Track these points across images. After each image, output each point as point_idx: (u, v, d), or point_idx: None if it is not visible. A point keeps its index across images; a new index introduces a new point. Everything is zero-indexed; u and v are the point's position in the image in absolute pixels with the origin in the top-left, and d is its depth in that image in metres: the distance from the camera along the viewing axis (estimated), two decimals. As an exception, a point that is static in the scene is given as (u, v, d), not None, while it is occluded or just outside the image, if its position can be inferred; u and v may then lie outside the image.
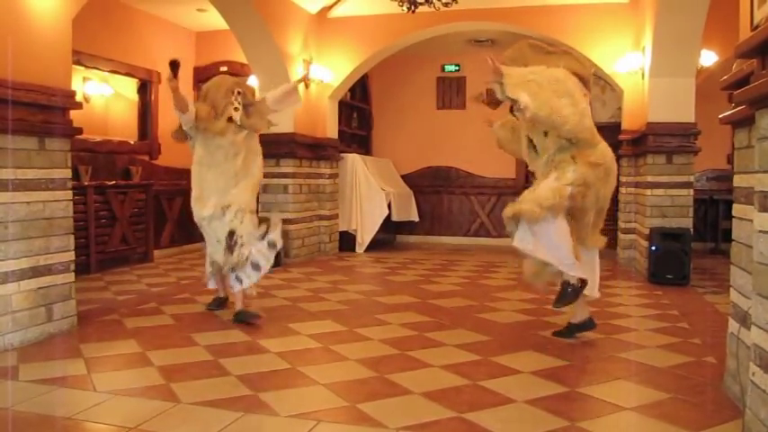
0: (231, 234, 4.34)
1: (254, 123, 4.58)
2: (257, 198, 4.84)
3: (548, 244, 3.54)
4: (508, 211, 3.53)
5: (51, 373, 3.28)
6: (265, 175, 7.42)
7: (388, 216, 8.63)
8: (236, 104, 4.48)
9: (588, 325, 3.98)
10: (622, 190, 7.46)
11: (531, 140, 3.83)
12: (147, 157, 7.94)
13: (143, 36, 7.89)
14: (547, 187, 3.54)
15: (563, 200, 3.51)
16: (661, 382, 3.16)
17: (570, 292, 3.69)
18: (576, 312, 4.00)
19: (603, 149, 3.69)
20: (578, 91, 3.58)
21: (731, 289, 2.89)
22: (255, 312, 4.46)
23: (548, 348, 3.77)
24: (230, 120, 4.45)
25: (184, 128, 4.45)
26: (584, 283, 3.70)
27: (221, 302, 4.84)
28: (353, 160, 8.70)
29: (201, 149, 4.45)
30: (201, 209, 4.41)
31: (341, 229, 8.65)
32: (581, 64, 3.80)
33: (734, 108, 2.87)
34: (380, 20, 7.79)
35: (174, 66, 4.06)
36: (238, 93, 4.52)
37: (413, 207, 9.64)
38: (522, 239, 3.54)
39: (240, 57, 7.67)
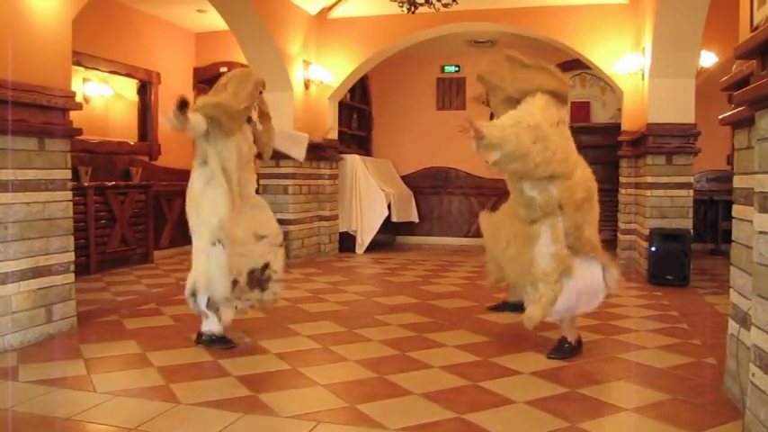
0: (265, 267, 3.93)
1: (264, 137, 4.10)
2: None
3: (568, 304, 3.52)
4: (529, 323, 3.45)
5: (51, 374, 3.28)
6: (265, 176, 7.50)
7: (388, 217, 8.62)
8: (261, 105, 4.05)
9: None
10: (622, 191, 7.46)
11: None
12: (146, 158, 7.94)
13: (143, 37, 7.89)
14: (546, 255, 3.44)
15: (566, 262, 3.46)
16: (661, 382, 3.16)
17: (567, 348, 3.65)
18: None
19: (581, 177, 3.57)
20: (554, 123, 3.45)
21: (731, 290, 2.89)
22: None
23: (547, 349, 3.76)
24: (249, 120, 3.97)
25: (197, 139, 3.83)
26: (579, 342, 3.72)
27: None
28: (353, 161, 8.70)
29: (215, 160, 3.74)
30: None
31: (341, 230, 8.65)
32: (559, 80, 3.69)
33: (734, 109, 2.87)
34: (380, 21, 7.79)
35: (183, 105, 3.59)
36: (260, 92, 3.98)
37: (413, 208, 9.64)
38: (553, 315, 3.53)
39: (240, 57, 7.67)
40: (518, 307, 3.76)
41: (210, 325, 3.75)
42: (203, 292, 3.66)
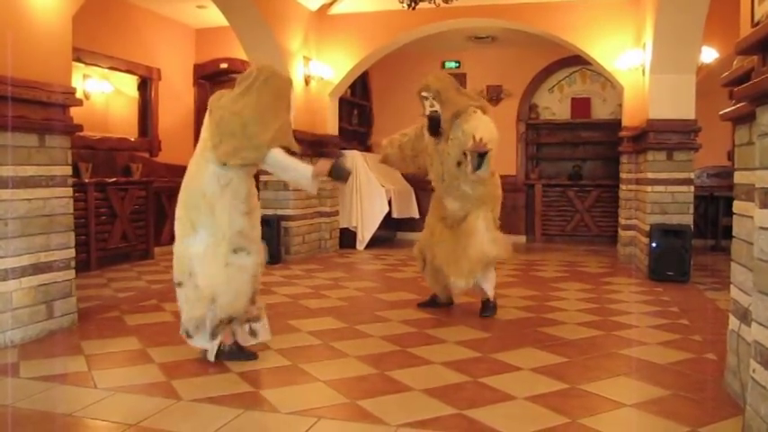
0: None
1: None
2: None
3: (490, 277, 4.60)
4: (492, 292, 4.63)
5: (52, 370, 3.28)
6: (266, 172, 7.47)
7: (389, 213, 8.62)
8: None
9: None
10: (623, 187, 7.46)
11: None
12: (147, 154, 7.94)
13: (143, 33, 7.88)
14: (488, 241, 4.41)
15: (500, 243, 4.49)
16: (661, 378, 3.16)
17: (492, 306, 4.60)
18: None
19: (497, 178, 4.63)
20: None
21: (731, 286, 2.89)
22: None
23: (548, 345, 3.77)
24: None
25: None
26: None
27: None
28: (354, 157, 8.68)
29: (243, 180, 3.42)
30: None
31: (341, 226, 8.65)
32: (484, 99, 4.88)
33: (734, 105, 2.87)
34: (381, 16, 7.78)
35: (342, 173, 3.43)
36: None
37: (413, 204, 9.63)
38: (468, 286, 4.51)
39: (240, 54, 7.66)
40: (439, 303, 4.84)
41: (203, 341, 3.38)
42: (224, 308, 3.28)
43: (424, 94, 4.48)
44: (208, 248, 3.30)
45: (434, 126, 4.48)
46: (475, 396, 2.93)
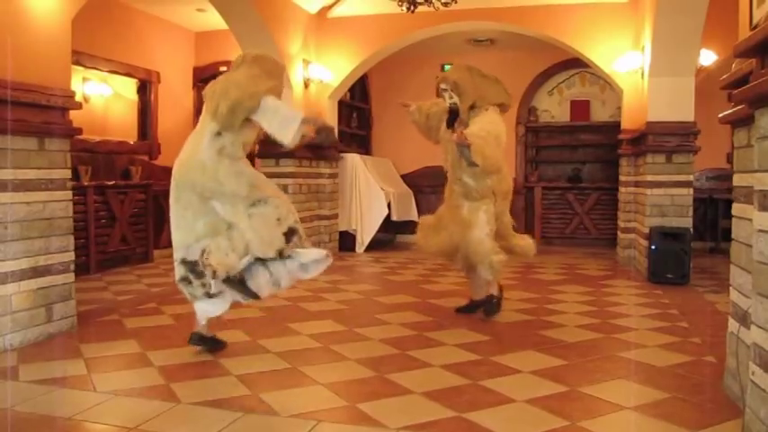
0: None
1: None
2: None
3: None
4: (492, 287, 4.53)
5: (51, 374, 3.28)
6: (265, 175, 7.47)
7: (388, 216, 8.62)
8: None
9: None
10: (622, 189, 7.47)
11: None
12: (146, 158, 7.94)
13: (143, 36, 7.89)
14: (486, 234, 4.36)
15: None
16: (661, 381, 3.16)
17: (497, 302, 4.52)
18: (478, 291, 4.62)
19: (506, 173, 4.55)
20: (504, 134, 4.39)
21: (731, 288, 2.89)
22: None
23: (548, 348, 3.77)
24: None
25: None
26: (501, 288, 4.65)
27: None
28: (353, 160, 8.70)
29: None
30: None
31: (341, 229, 8.64)
32: (508, 95, 4.54)
33: (733, 107, 2.87)
34: (380, 19, 7.79)
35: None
36: None
37: (413, 207, 9.63)
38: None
39: (240, 57, 7.65)
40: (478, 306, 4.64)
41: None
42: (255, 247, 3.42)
43: (442, 86, 4.45)
44: (226, 214, 3.43)
45: (453, 118, 4.46)
46: (475, 399, 2.93)
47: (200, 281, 3.49)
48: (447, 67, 9.97)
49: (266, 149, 7.08)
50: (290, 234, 3.47)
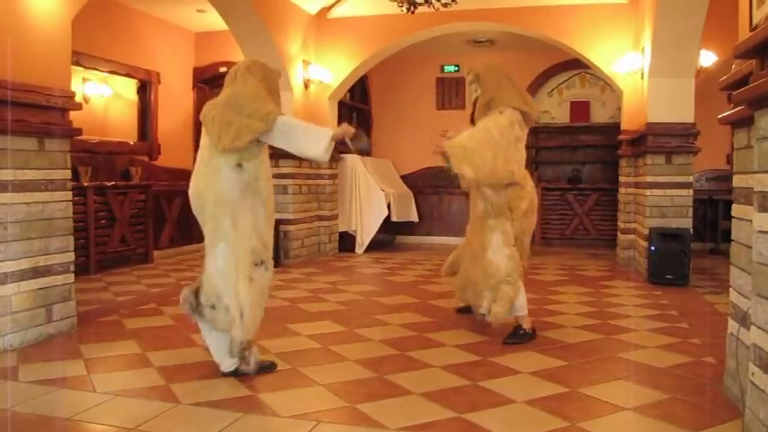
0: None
1: None
2: None
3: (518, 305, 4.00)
4: (495, 319, 3.91)
5: (51, 374, 3.28)
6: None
7: (388, 216, 8.62)
8: None
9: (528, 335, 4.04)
10: (622, 190, 7.47)
11: None
12: (146, 158, 7.94)
13: (142, 37, 7.89)
14: (504, 258, 3.92)
15: (518, 261, 3.95)
16: (660, 382, 3.16)
17: (522, 334, 3.98)
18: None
19: (531, 190, 4.05)
20: (512, 140, 3.92)
21: (730, 289, 2.89)
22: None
23: (547, 348, 3.77)
24: None
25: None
26: (534, 330, 4.06)
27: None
28: (353, 161, 8.69)
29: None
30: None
31: (340, 230, 8.65)
32: (530, 106, 4.12)
33: (733, 108, 2.88)
34: (380, 20, 7.79)
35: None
36: None
37: (412, 207, 9.63)
38: (518, 310, 4.00)
39: (240, 57, 7.64)
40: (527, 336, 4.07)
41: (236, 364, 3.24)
42: (248, 329, 3.16)
43: (468, 77, 4.23)
44: (229, 264, 3.13)
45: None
46: (474, 400, 2.93)
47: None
48: (447, 68, 10.03)
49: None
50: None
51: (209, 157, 3.17)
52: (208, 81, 8.94)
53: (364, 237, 8.57)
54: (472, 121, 4.26)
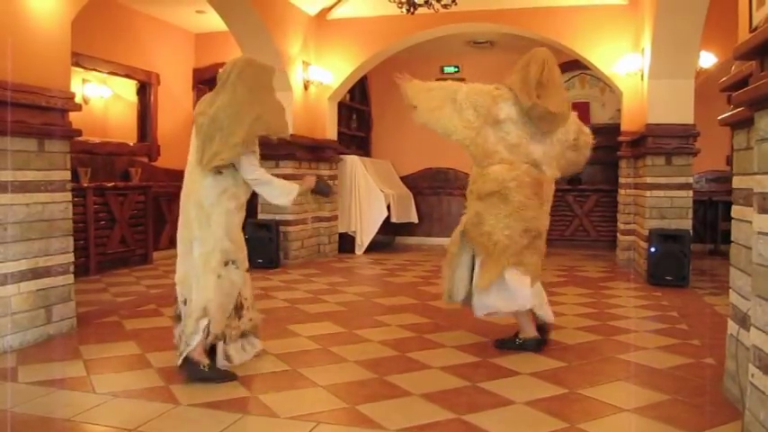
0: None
1: None
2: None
3: (503, 295, 3.66)
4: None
5: (51, 375, 3.28)
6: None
7: (388, 217, 8.63)
8: None
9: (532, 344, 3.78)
10: (621, 191, 7.47)
11: None
12: (146, 159, 7.94)
13: (142, 38, 7.89)
14: (457, 232, 3.81)
15: (457, 237, 3.75)
16: (660, 383, 3.16)
17: (512, 341, 3.79)
18: (524, 328, 3.82)
19: (497, 173, 3.62)
20: (489, 114, 3.65)
21: (730, 290, 2.89)
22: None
23: (547, 350, 3.77)
24: None
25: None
26: (539, 342, 3.76)
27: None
28: (353, 162, 8.70)
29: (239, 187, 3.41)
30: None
31: (340, 231, 8.65)
32: (527, 96, 3.66)
33: (733, 109, 2.88)
34: (380, 21, 7.79)
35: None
36: None
37: (412, 208, 9.64)
38: (480, 308, 3.72)
39: (239, 58, 7.66)
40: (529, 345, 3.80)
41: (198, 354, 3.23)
42: (215, 324, 3.25)
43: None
44: (200, 258, 3.25)
45: None
46: (474, 401, 2.93)
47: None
48: (447, 69, 10.02)
49: (266, 151, 7.06)
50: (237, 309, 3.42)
51: (197, 162, 3.30)
52: (208, 82, 8.93)
53: (364, 238, 8.57)
54: None
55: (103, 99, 7.43)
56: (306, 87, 7.70)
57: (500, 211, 3.60)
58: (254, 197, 3.75)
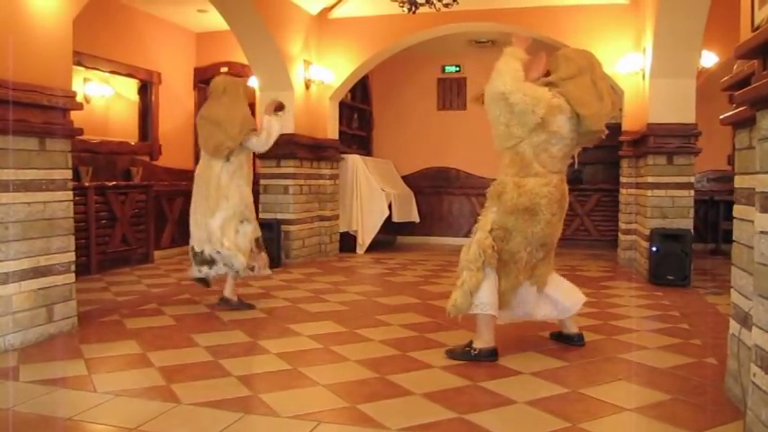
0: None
1: None
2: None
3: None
4: (453, 310, 3.51)
5: (52, 374, 3.28)
6: (266, 176, 7.51)
7: (389, 217, 8.62)
8: None
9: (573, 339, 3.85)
10: (623, 191, 7.46)
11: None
12: (147, 158, 7.95)
13: (144, 37, 7.90)
14: (474, 242, 3.54)
15: (488, 252, 3.46)
16: (662, 382, 3.16)
17: (465, 352, 3.56)
18: (566, 325, 3.86)
19: (533, 188, 3.46)
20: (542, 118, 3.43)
21: (732, 290, 2.89)
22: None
23: (548, 349, 3.77)
24: None
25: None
26: (493, 353, 3.53)
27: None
28: (354, 161, 8.70)
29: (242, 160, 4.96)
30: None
31: (341, 230, 8.64)
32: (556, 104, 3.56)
33: (735, 109, 2.87)
34: (381, 21, 7.79)
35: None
36: None
37: (413, 208, 9.63)
38: (478, 306, 3.50)
39: (241, 57, 7.68)
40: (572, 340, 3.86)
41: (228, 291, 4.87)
42: (237, 257, 4.69)
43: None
44: (225, 222, 4.70)
45: None
46: (475, 400, 2.93)
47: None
48: (448, 68, 10.02)
49: (267, 150, 7.07)
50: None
51: (206, 151, 4.80)
52: (209, 81, 8.90)
53: (365, 237, 8.57)
54: None
55: (105, 98, 7.43)
56: (307, 86, 7.69)
57: (528, 228, 3.49)
58: (254, 197, 5.05)
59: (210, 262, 4.74)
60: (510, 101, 3.42)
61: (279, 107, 4.97)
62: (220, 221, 4.67)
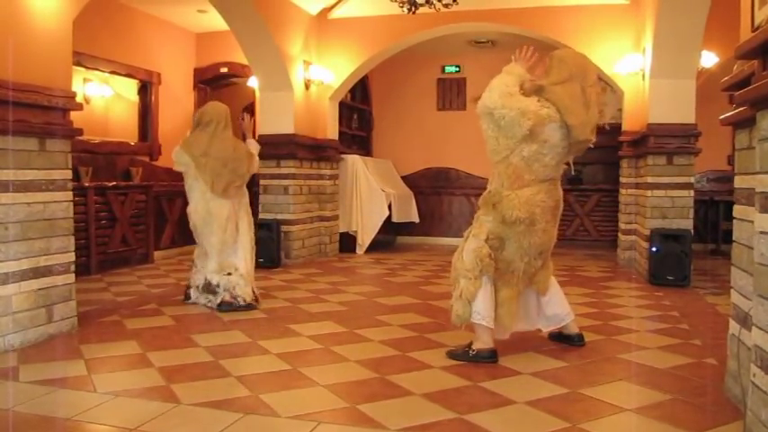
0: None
1: None
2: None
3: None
4: (457, 320, 3.54)
5: (52, 375, 3.28)
6: (266, 176, 7.51)
7: (389, 217, 8.62)
8: None
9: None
10: (623, 191, 7.46)
11: None
12: (147, 159, 7.95)
13: (144, 37, 7.89)
14: (470, 251, 3.51)
15: (486, 261, 3.46)
16: (662, 383, 3.16)
17: (466, 354, 3.56)
18: (566, 325, 3.87)
19: (527, 198, 3.46)
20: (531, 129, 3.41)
21: (732, 290, 2.89)
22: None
23: (548, 349, 3.77)
24: None
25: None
26: (493, 354, 3.53)
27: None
28: (354, 161, 8.69)
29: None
30: None
31: (341, 231, 8.64)
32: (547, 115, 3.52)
33: (734, 109, 2.87)
34: (381, 21, 7.79)
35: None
36: None
37: (413, 208, 9.63)
38: (475, 315, 3.51)
39: (240, 58, 7.67)
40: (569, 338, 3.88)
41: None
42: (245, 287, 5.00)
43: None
44: (244, 247, 5.06)
45: None
46: (475, 400, 2.93)
47: None
48: (448, 68, 10.02)
49: (267, 151, 7.09)
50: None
51: (212, 191, 4.89)
52: (209, 82, 8.95)
53: (365, 237, 8.57)
54: None
55: (105, 98, 7.43)
56: (307, 87, 7.69)
57: (523, 238, 3.49)
58: (254, 198, 4.97)
59: (215, 291, 4.93)
60: (495, 116, 3.43)
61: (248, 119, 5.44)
62: (242, 246, 5.00)
